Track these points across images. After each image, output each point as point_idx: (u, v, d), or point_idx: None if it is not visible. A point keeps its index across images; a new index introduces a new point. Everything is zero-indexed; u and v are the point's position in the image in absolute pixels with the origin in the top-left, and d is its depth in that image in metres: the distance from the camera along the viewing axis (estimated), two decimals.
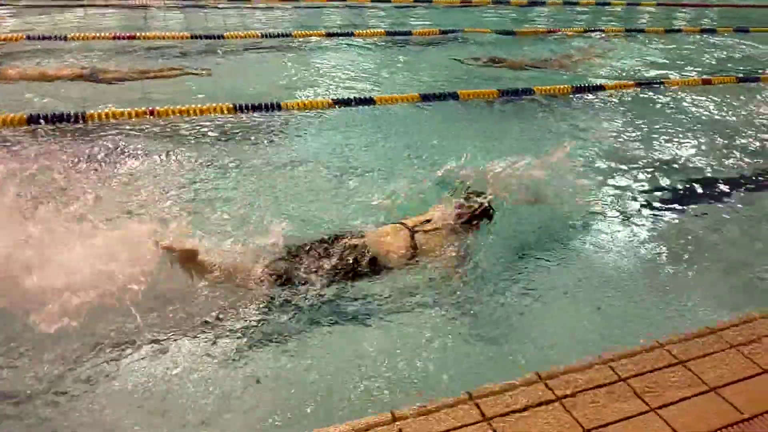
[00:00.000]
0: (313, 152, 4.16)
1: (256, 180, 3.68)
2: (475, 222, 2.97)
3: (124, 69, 5.39)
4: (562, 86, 5.86)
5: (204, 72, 5.54)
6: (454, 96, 5.41)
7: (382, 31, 7.83)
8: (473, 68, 6.65)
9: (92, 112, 4.26)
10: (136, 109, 4.35)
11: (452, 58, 6.93)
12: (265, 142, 4.29)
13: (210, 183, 3.58)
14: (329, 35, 7.46)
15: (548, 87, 5.80)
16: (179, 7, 8.65)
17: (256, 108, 4.59)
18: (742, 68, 7.48)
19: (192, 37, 6.70)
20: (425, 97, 5.31)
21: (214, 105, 4.54)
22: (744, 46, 8.89)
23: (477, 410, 1.88)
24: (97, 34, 6.44)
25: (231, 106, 4.56)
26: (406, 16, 9.63)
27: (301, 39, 7.19)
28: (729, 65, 7.68)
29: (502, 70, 6.71)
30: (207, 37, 6.81)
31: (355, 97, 5.12)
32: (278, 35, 7.19)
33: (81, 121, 4.11)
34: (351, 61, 6.65)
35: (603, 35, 8.80)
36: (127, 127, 4.22)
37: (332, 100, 4.99)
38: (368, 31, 7.79)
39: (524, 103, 5.57)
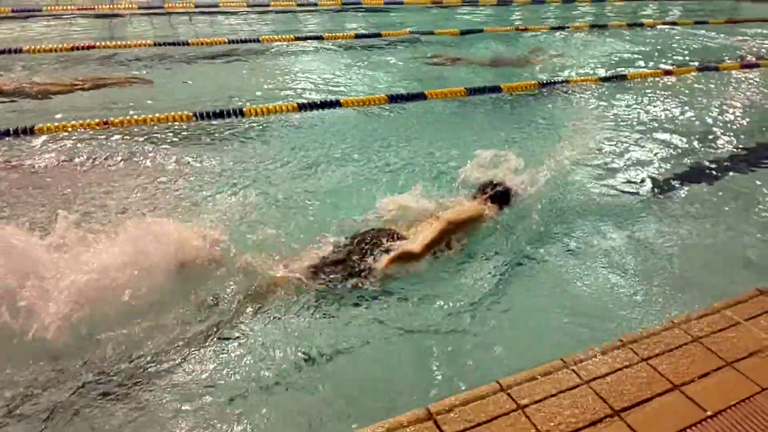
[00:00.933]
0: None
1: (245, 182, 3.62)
2: (498, 204, 3.16)
3: (73, 79, 5.22)
4: (528, 82, 5.88)
5: (147, 80, 5.40)
6: (422, 96, 5.39)
7: (351, 34, 7.80)
8: (441, 68, 6.65)
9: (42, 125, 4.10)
10: (89, 120, 4.20)
11: (421, 58, 6.93)
12: (228, 146, 4.18)
13: (194, 186, 3.49)
14: (299, 39, 7.40)
15: (515, 84, 5.82)
16: (147, 15, 8.48)
17: (216, 115, 4.48)
18: (701, 59, 7.64)
19: (156, 45, 6.55)
20: (393, 98, 5.27)
21: (173, 113, 4.43)
22: (703, 38, 9.08)
23: (509, 398, 1.93)
24: (58, 46, 6.26)
25: (190, 113, 4.45)
26: (376, 17, 9.62)
27: (269, 43, 7.11)
28: (690, 56, 7.84)
29: (469, 67, 6.72)
30: (171, 44, 6.67)
31: (322, 101, 5.06)
32: (246, 40, 7.09)
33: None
34: (320, 65, 6.58)
35: (569, 32, 8.89)
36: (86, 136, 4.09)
37: (298, 104, 4.92)
38: (337, 34, 7.76)
39: (494, 100, 5.59)
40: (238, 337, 2.42)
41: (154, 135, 4.18)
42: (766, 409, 1.94)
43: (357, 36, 7.75)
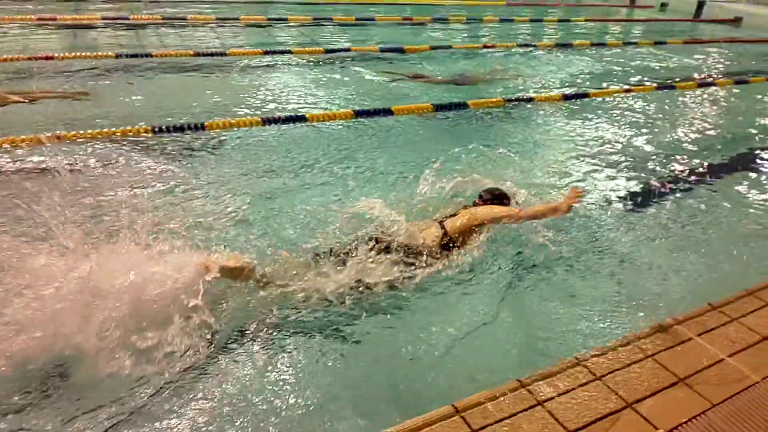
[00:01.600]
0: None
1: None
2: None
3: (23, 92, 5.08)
4: (494, 99, 5.96)
5: (82, 96, 5.27)
6: (388, 111, 5.40)
7: (321, 48, 7.80)
8: (409, 83, 6.69)
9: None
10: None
11: (390, 73, 6.97)
12: (188, 159, 4.08)
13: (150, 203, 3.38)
14: (267, 53, 7.37)
15: (481, 100, 5.89)
16: (112, 26, 8.32)
17: (177, 129, 4.38)
18: (660, 77, 7.90)
19: (117, 56, 6.42)
20: (359, 113, 5.27)
21: (129, 127, 4.31)
22: (663, 58, 9.41)
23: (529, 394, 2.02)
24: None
25: (148, 127, 4.34)
26: (347, 32, 9.67)
27: (236, 57, 7.06)
28: (648, 75, 8.10)
29: (437, 83, 6.79)
30: (133, 55, 6.55)
31: (287, 116, 5.03)
32: (213, 53, 7.03)
33: None
34: (288, 79, 6.56)
35: (535, 50, 9.10)
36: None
37: (261, 119, 4.86)
38: (307, 48, 7.76)
39: (460, 116, 5.64)
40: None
41: (110, 148, 4.07)
42: (716, 426, 1.97)
43: (327, 51, 7.76)
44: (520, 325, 2.72)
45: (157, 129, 4.32)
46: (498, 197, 3.31)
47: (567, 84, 7.26)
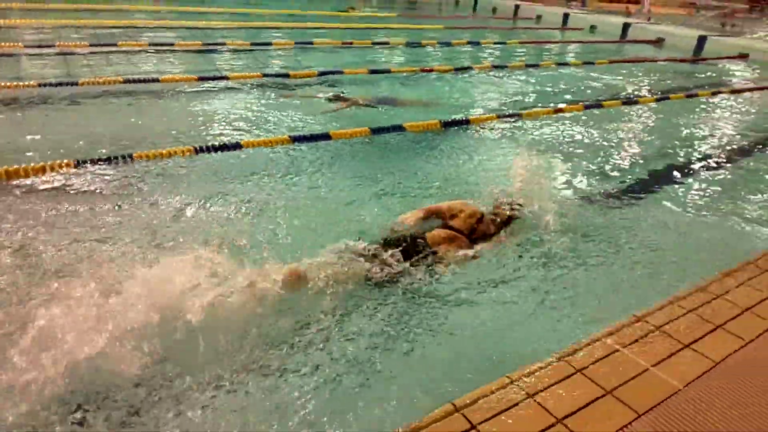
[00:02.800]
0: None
1: None
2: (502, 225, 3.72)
3: None
4: (431, 122, 6.06)
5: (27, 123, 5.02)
6: (326, 136, 5.39)
7: (259, 74, 7.74)
8: (348, 107, 6.72)
9: None
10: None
11: (328, 98, 6.98)
12: (119, 193, 3.91)
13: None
14: (201, 79, 7.23)
15: (418, 123, 5.98)
16: (35, 54, 7.95)
17: (104, 161, 4.18)
18: (588, 97, 8.30)
19: (40, 85, 6.11)
20: (296, 139, 5.23)
21: (52, 162, 4.08)
22: (590, 78, 9.91)
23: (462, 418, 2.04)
24: None
25: (71, 161, 4.11)
26: (285, 57, 9.65)
27: (170, 84, 6.89)
28: (578, 95, 8.49)
29: (375, 107, 6.85)
30: (56, 84, 6.26)
31: (221, 143, 4.92)
32: (145, 80, 6.82)
33: None
34: (224, 106, 6.44)
35: (473, 72, 9.37)
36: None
37: (194, 147, 4.73)
38: (245, 74, 7.67)
39: (397, 139, 5.70)
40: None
41: (32, 185, 3.85)
42: None
43: (265, 75, 7.70)
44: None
45: (80, 162, 4.11)
46: None
47: (502, 104, 7.50)
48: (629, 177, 5.23)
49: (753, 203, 4.92)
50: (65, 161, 4.06)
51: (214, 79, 7.38)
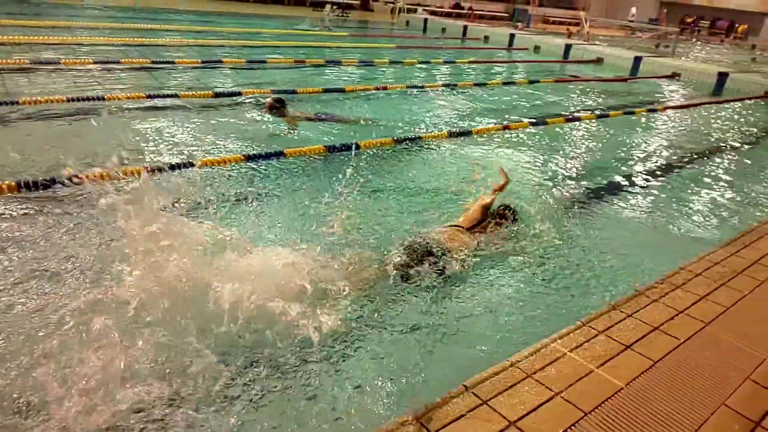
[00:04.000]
0: None
1: None
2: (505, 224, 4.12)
3: None
4: (384, 140, 6.18)
5: None
6: (281, 154, 5.41)
7: (210, 92, 7.68)
8: (302, 125, 6.76)
9: None
10: None
11: (283, 116, 6.99)
12: (65, 218, 3.79)
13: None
14: (150, 97, 7.11)
15: (372, 141, 6.08)
16: None
17: (46, 184, 4.04)
18: (534, 114, 8.67)
19: None
20: (250, 158, 5.22)
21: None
22: (536, 96, 10.35)
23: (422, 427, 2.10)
24: None
25: (13, 183, 3.96)
26: (237, 75, 9.61)
27: (117, 102, 6.73)
28: (524, 111, 8.86)
29: (330, 125, 6.92)
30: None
31: (174, 163, 4.86)
32: (89, 98, 6.64)
33: None
34: (176, 125, 6.34)
35: (424, 90, 9.62)
36: None
37: (146, 168, 4.64)
38: (195, 92, 7.59)
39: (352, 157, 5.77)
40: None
41: None
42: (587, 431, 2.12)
43: (216, 95, 7.65)
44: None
45: (23, 185, 3.96)
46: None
47: (452, 122, 7.73)
48: (573, 189, 5.49)
49: (688, 210, 5.27)
50: (8, 182, 3.90)
51: (163, 97, 7.26)
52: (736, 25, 38.74)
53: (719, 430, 2.20)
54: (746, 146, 8.42)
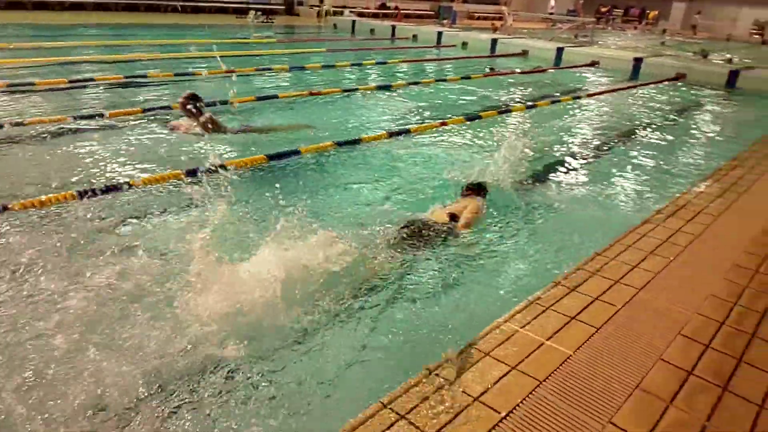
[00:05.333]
0: None
1: None
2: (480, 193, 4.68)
3: None
4: (325, 144, 6.22)
5: None
6: (221, 166, 5.31)
7: (138, 109, 7.44)
8: (243, 135, 6.68)
9: None
10: None
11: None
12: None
13: None
14: (77, 118, 6.80)
15: (313, 146, 6.11)
16: None
17: None
18: (469, 109, 8.97)
19: None
20: (190, 173, 5.12)
21: None
22: (468, 91, 10.68)
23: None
24: None
25: None
26: (166, 89, 9.34)
27: (37, 126, 6.40)
28: (459, 107, 9.14)
29: (268, 133, 6.87)
30: None
31: (107, 185, 4.71)
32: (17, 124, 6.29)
33: None
34: (104, 144, 6.10)
35: (359, 93, 9.71)
36: None
37: (76, 192, 4.49)
38: (121, 110, 7.33)
39: (295, 164, 5.77)
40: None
41: None
42: (544, 398, 2.27)
43: (145, 110, 7.42)
44: None
45: None
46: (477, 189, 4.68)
47: (390, 122, 7.86)
48: (511, 176, 5.74)
49: (617, 188, 5.64)
50: None
51: (87, 117, 6.95)
52: (647, 12, 41.47)
53: (659, 382, 2.42)
54: (665, 124, 9.07)
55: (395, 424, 2.12)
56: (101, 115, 6.99)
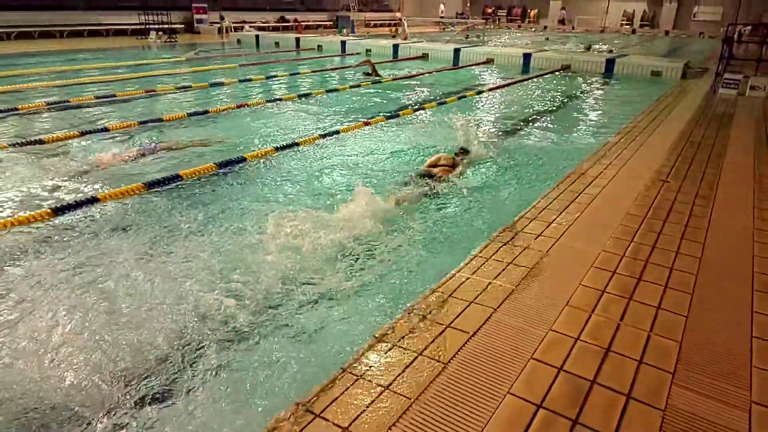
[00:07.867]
0: None
1: None
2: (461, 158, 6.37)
3: None
4: (206, 166, 5.95)
5: None
6: (94, 200, 4.99)
7: (75, 132, 7.33)
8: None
9: None
10: None
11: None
12: None
13: None
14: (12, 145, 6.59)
15: (193, 170, 5.83)
16: None
17: None
18: (386, 109, 9.63)
19: None
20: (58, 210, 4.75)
21: None
22: (382, 95, 11.36)
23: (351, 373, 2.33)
24: None
25: None
26: (100, 111, 9.10)
27: None
28: (377, 108, 9.78)
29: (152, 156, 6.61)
30: None
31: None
32: None
33: None
34: (39, 170, 5.97)
35: (279, 102, 10.04)
36: None
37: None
38: (57, 135, 7.16)
39: (176, 189, 5.47)
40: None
41: None
42: (477, 342, 2.74)
43: (83, 133, 7.35)
44: None
45: None
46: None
47: (277, 137, 7.75)
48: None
49: (517, 173, 6.28)
50: None
51: (26, 144, 6.71)
52: (529, 11, 44.88)
53: (582, 300, 3.13)
54: (556, 109, 10.28)
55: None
56: (41, 142, 6.78)
